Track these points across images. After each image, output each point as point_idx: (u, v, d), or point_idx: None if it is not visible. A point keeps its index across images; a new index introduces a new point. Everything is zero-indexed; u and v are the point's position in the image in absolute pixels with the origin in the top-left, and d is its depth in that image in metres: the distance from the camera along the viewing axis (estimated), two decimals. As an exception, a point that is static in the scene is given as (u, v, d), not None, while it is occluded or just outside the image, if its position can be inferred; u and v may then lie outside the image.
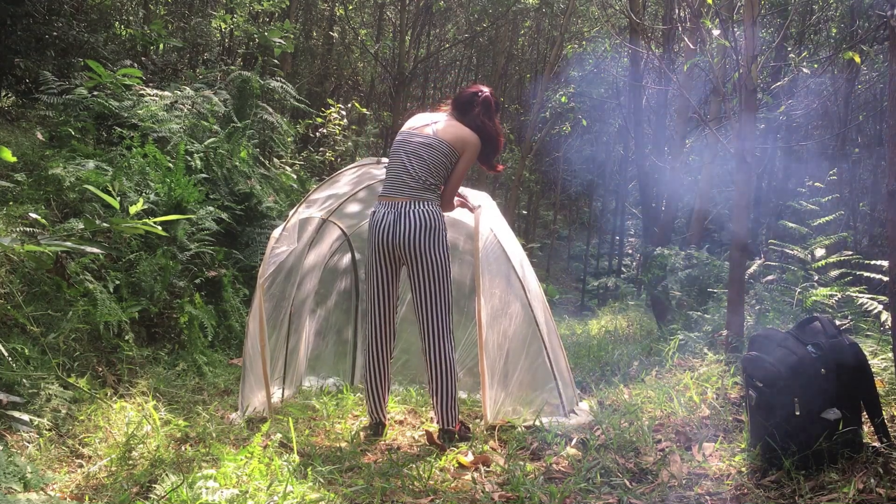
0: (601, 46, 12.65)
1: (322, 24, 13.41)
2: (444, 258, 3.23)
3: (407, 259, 3.21)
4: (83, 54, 6.52)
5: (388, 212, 3.23)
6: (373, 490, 2.45)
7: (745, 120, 4.05)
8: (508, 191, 15.78)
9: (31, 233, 3.60)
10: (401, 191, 3.24)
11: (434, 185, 3.27)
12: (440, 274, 3.21)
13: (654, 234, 7.86)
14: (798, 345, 2.49)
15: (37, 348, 3.26)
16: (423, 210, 3.20)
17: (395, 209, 3.22)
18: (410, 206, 3.20)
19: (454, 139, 3.28)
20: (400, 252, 3.21)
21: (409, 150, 3.27)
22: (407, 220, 3.17)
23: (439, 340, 3.20)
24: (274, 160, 7.58)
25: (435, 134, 3.29)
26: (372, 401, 3.35)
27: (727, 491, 2.40)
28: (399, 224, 3.18)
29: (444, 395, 3.19)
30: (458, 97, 3.45)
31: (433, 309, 3.21)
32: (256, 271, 4.36)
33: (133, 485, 2.49)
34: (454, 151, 3.28)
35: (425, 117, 3.42)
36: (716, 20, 4.42)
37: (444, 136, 3.28)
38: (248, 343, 3.75)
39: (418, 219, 3.17)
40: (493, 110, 3.41)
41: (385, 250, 3.24)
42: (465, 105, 3.38)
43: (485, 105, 3.37)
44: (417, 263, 3.18)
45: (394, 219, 3.20)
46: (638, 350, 5.68)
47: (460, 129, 3.31)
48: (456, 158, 3.30)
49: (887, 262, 2.69)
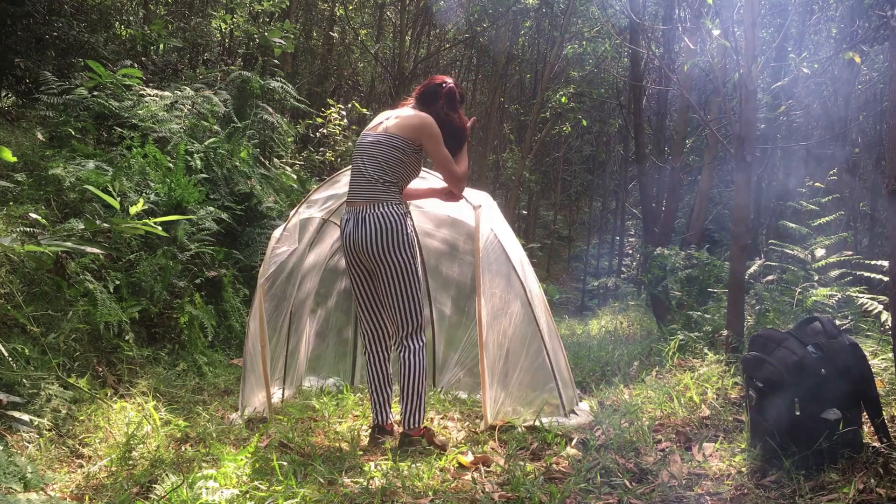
0: (601, 46, 12.65)
1: (322, 24, 13.40)
2: (406, 259, 3.11)
3: (370, 263, 3.13)
4: (83, 54, 6.52)
5: (350, 217, 3.17)
6: (373, 490, 2.45)
7: (745, 120, 4.05)
8: (508, 191, 15.78)
9: (31, 233, 3.60)
10: (358, 194, 3.17)
11: (391, 183, 3.15)
12: (404, 275, 3.11)
13: (654, 234, 7.86)
14: (798, 345, 2.49)
15: (37, 348, 3.26)
16: (380, 213, 3.09)
17: (356, 214, 3.14)
18: (367, 209, 3.11)
19: (403, 130, 3.15)
20: (364, 258, 3.14)
21: (362, 151, 3.20)
22: (364, 224, 3.09)
23: (410, 341, 3.15)
24: (274, 160, 7.58)
25: (385, 130, 3.18)
26: (375, 404, 3.29)
27: (727, 491, 2.40)
28: (358, 230, 3.11)
29: (409, 398, 3.10)
30: (423, 90, 3.31)
31: (401, 309, 3.13)
32: (256, 271, 4.37)
33: (133, 485, 2.49)
34: (408, 142, 3.15)
35: (385, 115, 3.31)
36: (716, 20, 4.42)
37: (393, 130, 3.16)
38: (248, 343, 3.75)
39: (374, 222, 3.08)
40: (458, 102, 3.30)
41: (352, 257, 3.19)
42: (429, 97, 3.26)
43: (448, 97, 3.26)
44: (379, 267, 3.11)
45: (354, 224, 3.13)
46: (638, 350, 5.69)
47: (408, 119, 3.19)
48: (415, 150, 3.17)
49: (887, 262, 2.69)
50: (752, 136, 4.09)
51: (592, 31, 13.50)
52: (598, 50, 13.18)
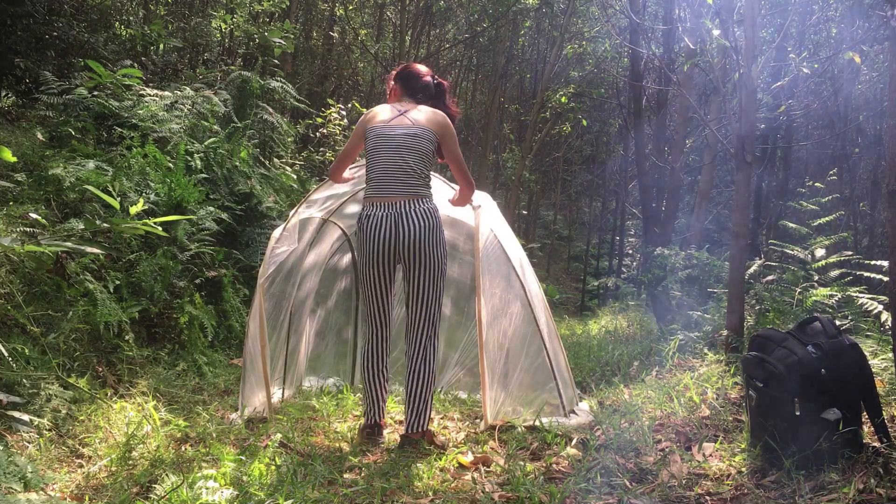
0: (601, 46, 12.65)
1: (322, 24, 13.40)
2: (444, 259, 3.15)
3: (408, 260, 3.08)
4: (83, 54, 6.52)
5: (387, 213, 3.05)
6: (373, 490, 2.45)
7: (745, 120, 4.05)
8: (508, 191, 15.78)
9: (31, 233, 3.60)
10: (396, 189, 3.07)
11: (427, 177, 3.15)
12: (438, 276, 3.12)
13: (654, 234, 7.86)
14: (798, 345, 2.49)
15: (37, 348, 3.26)
16: (425, 209, 3.07)
17: (395, 209, 3.05)
18: (410, 205, 3.05)
19: (434, 125, 3.14)
20: (402, 254, 3.07)
21: (397, 143, 3.09)
22: (410, 221, 3.03)
23: (426, 344, 3.13)
24: (274, 160, 7.58)
25: (416, 122, 3.13)
26: (370, 402, 3.25)
27: (727, 491, 2.40)
28: (402, 225, 3.03)
29: (418, 402, 3.07)
30: (426, 86, 3.31)
31: (426, 312, 3.12)
32: (256, 271, 4.37)
33: (133, 485, 2.49)
34: (435, 137, 3.15)
35: (392, 108, 3.23)
36: (716, 20, 4.42)
37: (425, 123, 3.13)
38: (248, 343, 3.75)
39: (421, 219, 3.05)
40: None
41: (386, 253, 3.08)
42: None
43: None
44: (419, 265, 3.08)
45: (395, 221, 3.04)
46: (638, 350, 5.68)
47: (434, 114, 3.19)
48: (436, 145, 3.17)
49: (887, 262, 2.69)
50: (752, 136, 4.09)
51: (592, 31, 13.50)
52: (598, 50, 13.19)
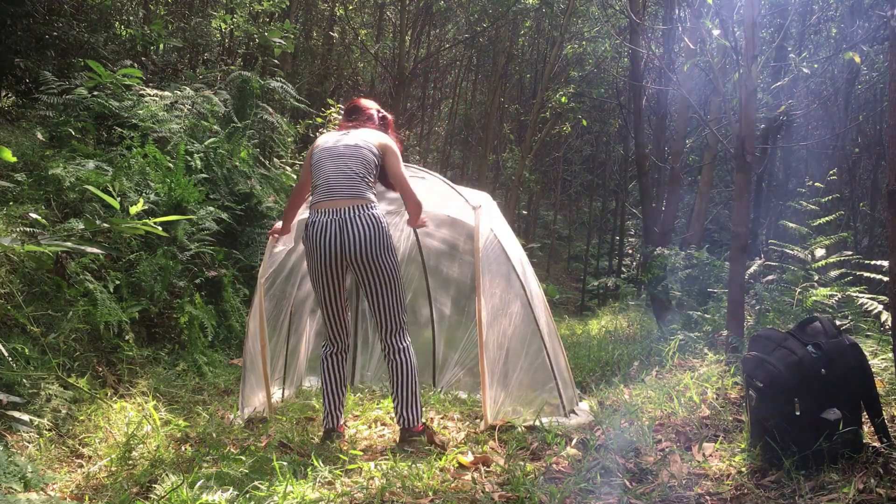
0: (601, 46, 12.65)
1: (322, 24, 13.40)
2: (393, 262, 3.17)
3: (358, 269, 3.11)
4: (83, 54, 6.52)
5: (331, 219, 3.08)
6: (373, 490, 2.45)
7: (745, 120, 4.05)
8: (508, 191, 15.79)
9: (31, 233, 3.60)
10: (339, 192, 3.12)
11: (371, 184, 3.20)
12: (390, 277, 3.15)
13: (654, 234, 7.86)
14: (798, 345, 2.49)
15: (37, 348, 3.26)
16: (369, 216, 3.09)
17: (338, 215, 3.08)
18: (353, 211, 3.08)
19: (375, 138, 3.28)
20: (350, 261, 3.10)
21: (337, 154, 3.20)
22: (354, 227, 3.07)
23: (397, 341, 3.18)
24: (274, 160, 7.58)
25: (357, 136, 3.28)
26: (327, 409, 3.27)
27: (727, 491, 2.40)
28: (346, 231, 3.06)
29: (404, 395, 3.14)
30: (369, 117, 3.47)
31: (388, 312, 3.17)
32: (256, 271, 4.37)
33: (133, 485, 2.49)
34: (379, 151, 3.25)
35: (337, 133, 3.37)
36: (716, 20, 4.42)
37: (367, 137, 3.28)
38: (248, 343, 3.75)
39: (365, 225, 3.07)
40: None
41: (333, 259, 3.10)
42: (381, 126, 3.48)
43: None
44: (367, 271, 3.11)
45: (338, 227, 3.06)
46: (638, 350, 5.68)
47: (377, 133, 3.34)
48: (380, 160, 3.26)
49: (887, 262, 2.69)
50: (752, 136, 4.09)
51: (592, 31, 13.51)
52: (598, 50, 13.20)
